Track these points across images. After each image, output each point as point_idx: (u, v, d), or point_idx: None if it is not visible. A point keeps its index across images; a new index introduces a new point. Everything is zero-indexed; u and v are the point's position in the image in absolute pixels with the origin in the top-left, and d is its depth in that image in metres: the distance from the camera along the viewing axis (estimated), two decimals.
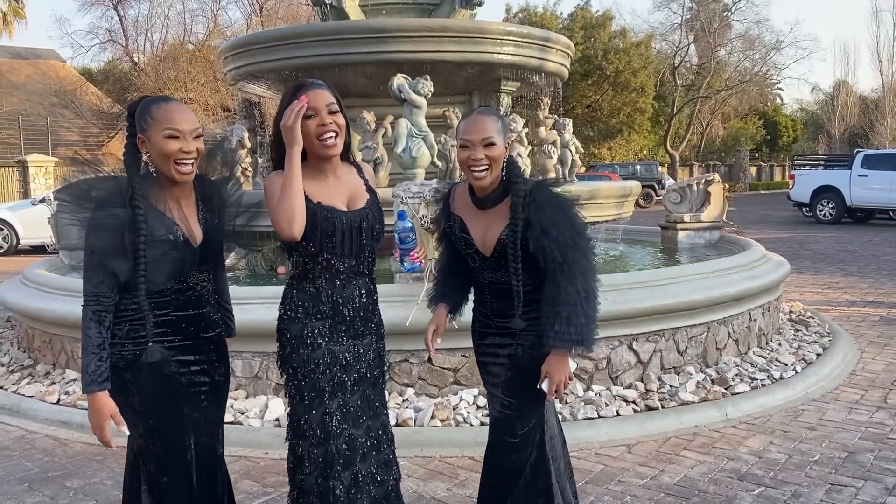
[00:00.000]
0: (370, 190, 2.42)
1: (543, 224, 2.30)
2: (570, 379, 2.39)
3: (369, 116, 6.31)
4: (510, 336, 2.48)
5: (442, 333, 2.67)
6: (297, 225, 2.19)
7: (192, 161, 2.19)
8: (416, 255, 2.42)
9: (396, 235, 2.39)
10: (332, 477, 2.28)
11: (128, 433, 2.21)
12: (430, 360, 4.42)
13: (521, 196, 2.35)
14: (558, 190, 2.40)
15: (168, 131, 2.14)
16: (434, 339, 2.66)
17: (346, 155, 2.42)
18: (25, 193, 19.44)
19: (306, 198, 2.25)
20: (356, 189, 2.38)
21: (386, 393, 2.53)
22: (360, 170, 2.45)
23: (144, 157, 2.20)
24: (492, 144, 2.33)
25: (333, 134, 2.26)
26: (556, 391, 2.37)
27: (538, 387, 2.39)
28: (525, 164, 6.76)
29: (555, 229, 2.29)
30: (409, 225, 2.39)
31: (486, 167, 2.33)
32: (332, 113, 2.25)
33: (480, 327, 2.62)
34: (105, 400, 2.15)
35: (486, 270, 2.48)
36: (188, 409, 2.30)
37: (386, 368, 2.52)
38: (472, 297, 2.69)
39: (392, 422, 4.02)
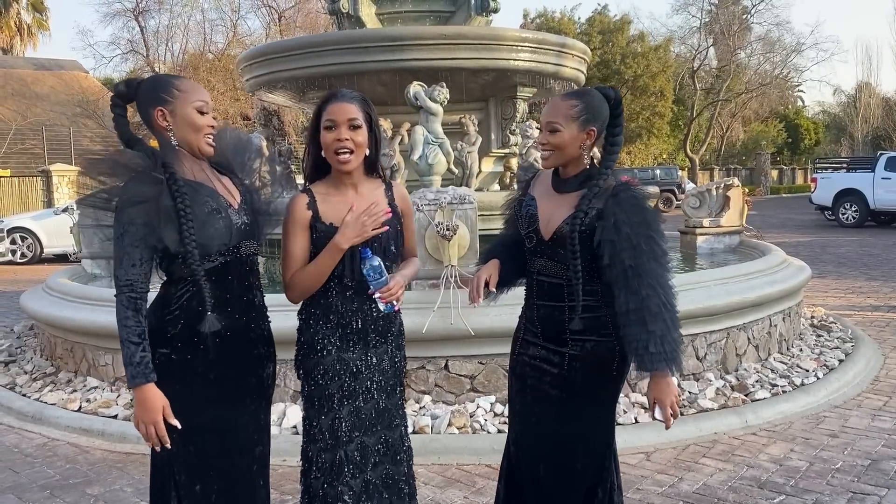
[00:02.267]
0: (392, 211, 2.36)
1: (618, 217, 2.15)
2: (679, 397, 2.26)
3: (386, 124, 6.33)
4: (558, 354, 2.31)
5: (495, 283, 2.39)
6: (301, 299, 2.36)
7: (213, 135, 2.19)
8: (384, 296, 2.23)
9: (365, 276, 2.23)
10: (340, 483, 2.28)
11: (180, 426, 2.11)
12: (446, 366, 4.42)
13: (593, 189, 2.24)
14: (646, 195, 2.27)
15: (199, 104, 2.14)
16: (486, 290, 2.36)
17: (376, 170, 2.40)
18: (49, 203, 19.69)
19: (319, 219, 2.27)
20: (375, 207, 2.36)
21: (404, 404, 2.50)
22: (389, 188, 2.41)
23: (162, 129, 2.15)
24: (555, 131, 2.26)
25: (348, 150, 2.25)
26: (671, 415, 2.22)
27: (653, 417, 2.24)
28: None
29: (628, 227, 2.14)
30: (376, 263, 2.21)
31: (550, 151, 2.29)
32: (353, 128, 2.24)
33: (525, 334, 2.43)
34: (155, 392, 2.05)
35: (539, 256, 2.34)
36: (233, 416, 2.24)
37: (402, 378, 2.47)
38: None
39: (409, 429, 4.05)
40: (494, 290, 2.41)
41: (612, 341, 2.26)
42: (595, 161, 2.35)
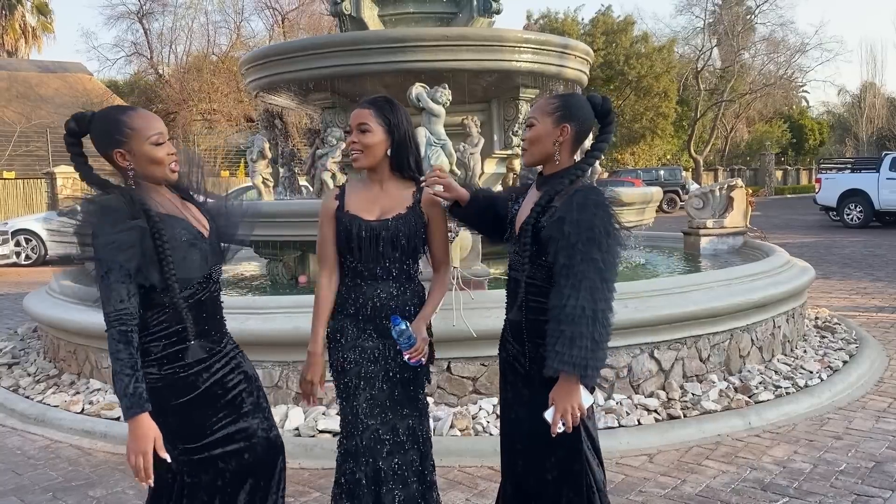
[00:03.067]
0: (413, 208, 2.48)
1: (565, 216, 2.14)
2: (581, 411, 2.15)
3: None
4: (521, 353, 2.34)
5: (449, 194, 2.49)
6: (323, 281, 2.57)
7: (176, 161, 2.22)
8: (413, 356, 2.41)
9: (395, 339, 2.42)
10: (357, 469, 2.45)
11: (168, 459, 2.12)
12: (448, 368, 4.42)
13: (556, 186, 2.24)
14: (607, 199, 2.19)
15: (155, 137, 2.15)
16: (437, 188, 2.48)
17: (406, 171, 2.52)
18: (53, 205, 19.74)
19: (342, 209, 2.48)
20: (395, 202, 2.48)
21: (420, 398, 2.56)
22: (420, 190, 2.51)
23: (124, 169, 2.16)
24: (531, 126, 2.32)
25: (357, 151, 2.44)
26: (563, 423, 2.14)
27: (543, 415, 2.16)
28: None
29: (571, 225, 2.12)
30: (404, 327, 2.39)
31: (526, 146, 2.35)
32: (362, 132, 2.42)
33: (504, 332, 2.49)
34: (149, 423, 2.06)
35: (511, 250, 2.40)
36: (231, 425, 2.27)
37: (421, 372, 2.54)
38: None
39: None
40: (440, 188, 2.45)
41: None
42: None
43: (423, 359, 2.44)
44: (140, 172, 2.16)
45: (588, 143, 2.51)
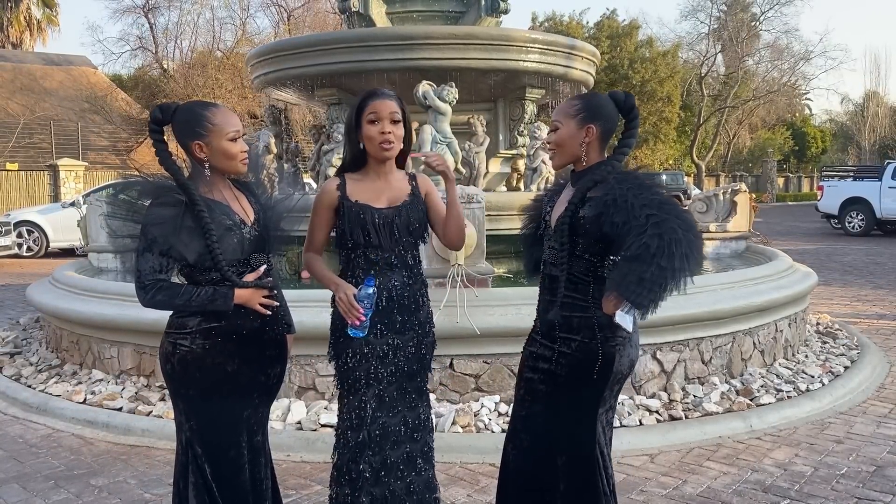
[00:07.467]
0: (414, 194, 2.55)
1: (604, 195, 2.20)
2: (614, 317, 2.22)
3: None
4: (550, 350, 2.35)
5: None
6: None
7: (247, 157, 2.40)
8: (357, 322, 2.40)
9: (360, 300, 2.41)
10: (361, 460, 2.46)
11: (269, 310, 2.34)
12: (451, 365, 4.42)
13: (593, 179, 2.28)
14: (646, 180, 2.27)
15: (232, 134, 2.32)
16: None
17: (402, 163, 2.60)
18: (56, 197, 19.75)
19: (347, 197, 2.49)
20: (399, 191, 2.55)
21: (427, 387, 2.63)
22: (414, 178, 2.61)
23: (199, 160, 2.32)
24: (556, 129, 2.37)
25: (391, 143, 2.46)
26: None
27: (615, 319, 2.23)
28: (549, 172, 6.75)
29: (615, 193, 2.17)
30: (370, 292, 2.39)
31: (553, 150, 2.40)
32: (393, 122, 2.45)
33: (532, 331, 2.51)
34: (242, 291, 2.29)
35: (548, 247, 2.43)
36: (241, 408, 2.41)
37: (427, 363, 2.59)
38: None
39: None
40: None
41: (597, 343, 2.28)
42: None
43: (364, 330, 2.41)
44: (213, 164, 2.32)
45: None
